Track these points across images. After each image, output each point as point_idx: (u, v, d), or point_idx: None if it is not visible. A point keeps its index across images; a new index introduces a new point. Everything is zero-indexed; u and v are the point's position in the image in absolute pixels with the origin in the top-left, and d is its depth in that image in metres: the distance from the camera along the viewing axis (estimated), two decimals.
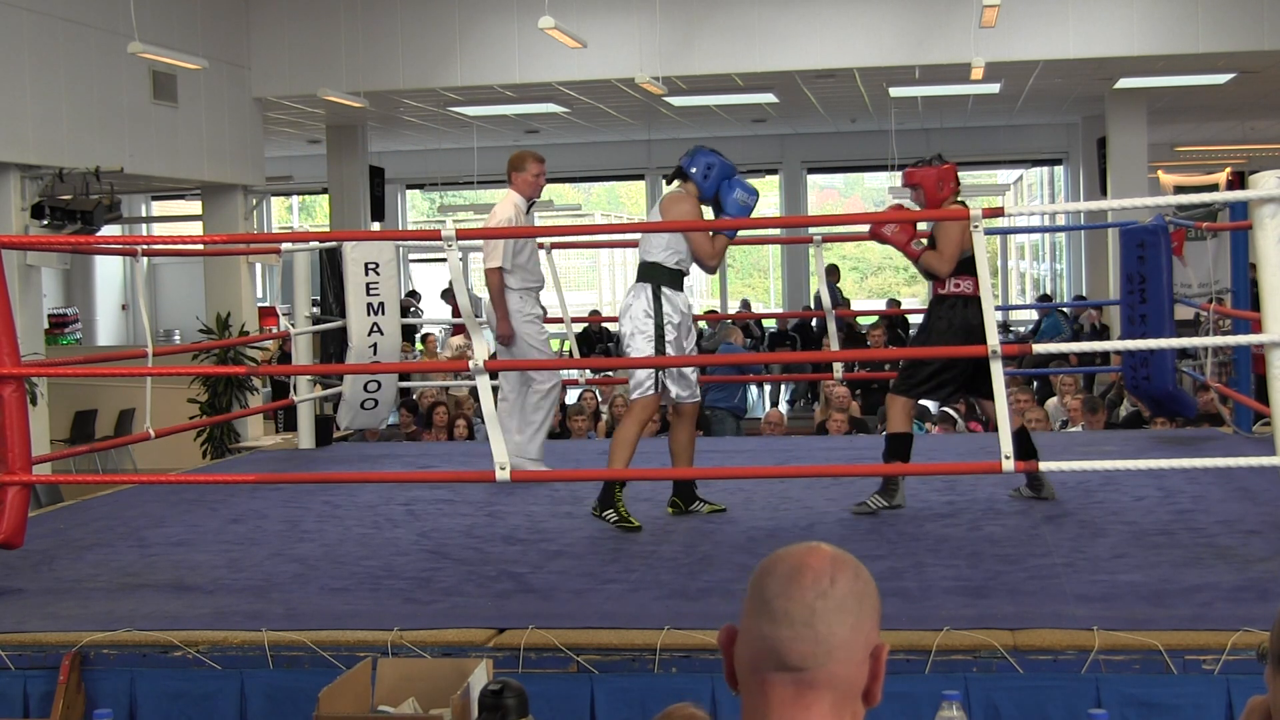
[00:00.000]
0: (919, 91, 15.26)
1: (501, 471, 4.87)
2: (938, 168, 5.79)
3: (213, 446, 12.03)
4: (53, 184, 10.27)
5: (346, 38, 13.04)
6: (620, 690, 3.87)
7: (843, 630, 1.57)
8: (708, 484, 6.02)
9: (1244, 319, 6.82)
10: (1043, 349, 5.25)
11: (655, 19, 12.39)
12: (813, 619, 1.56)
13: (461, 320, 6.64)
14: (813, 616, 1.56)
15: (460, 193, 20.98)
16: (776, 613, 1.57)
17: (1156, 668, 3.69)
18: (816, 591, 1.58)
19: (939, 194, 5.75)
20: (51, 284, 18.03)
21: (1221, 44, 12.24)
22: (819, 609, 1.57)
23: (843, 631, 1.57)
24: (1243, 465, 4.93)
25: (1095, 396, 9.86)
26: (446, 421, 10.56)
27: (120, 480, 7.44)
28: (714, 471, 6.37)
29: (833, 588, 1.58)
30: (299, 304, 8.19)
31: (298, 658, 4.01)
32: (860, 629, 1.59)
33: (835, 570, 1.60)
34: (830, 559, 1.61)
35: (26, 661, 4.13)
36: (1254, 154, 20.14)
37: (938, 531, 5.30)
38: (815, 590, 1.58)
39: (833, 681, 1.57)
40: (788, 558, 1.62)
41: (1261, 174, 4.66)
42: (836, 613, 1.57)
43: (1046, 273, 22.62)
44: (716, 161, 5.76)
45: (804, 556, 1.61)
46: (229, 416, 11.65)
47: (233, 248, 11.83)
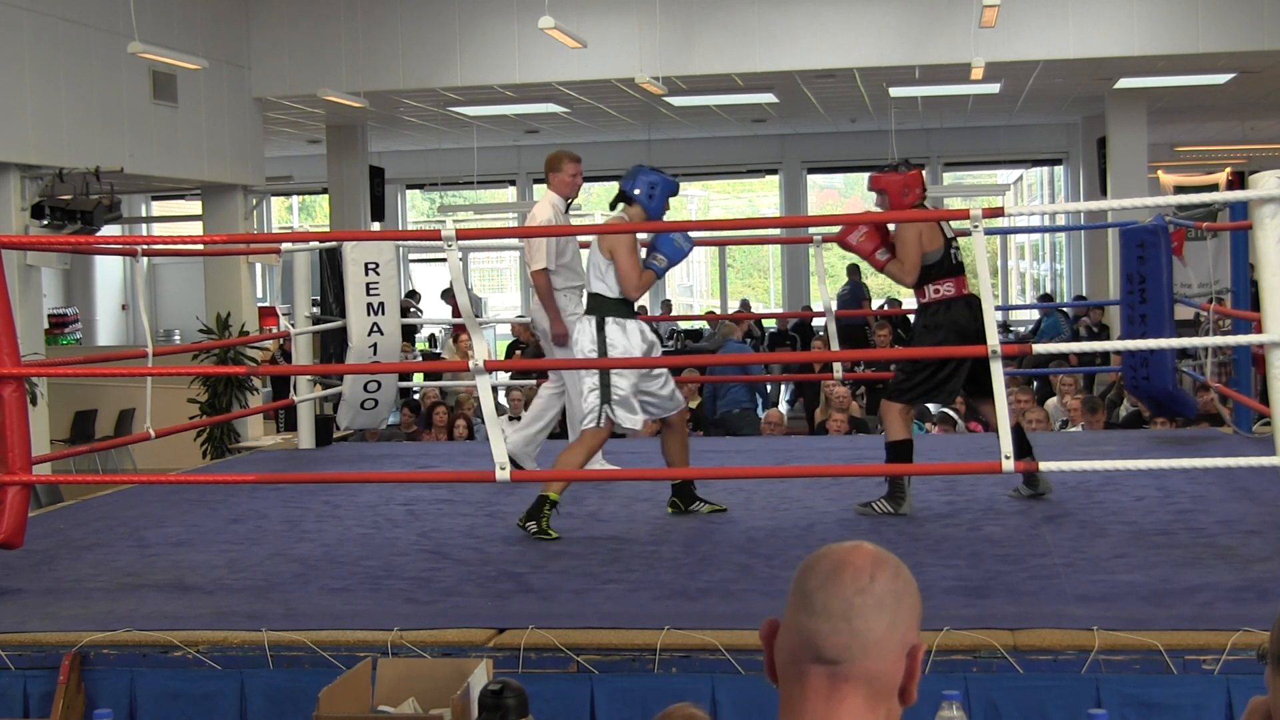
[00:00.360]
0: (919, 91, 15.26)
1: (501, 471, 4.87)
2: (903, 174, 5.75)
3: (213, 446, 12.02)
4: (53, 184, 10.27)
5: (346, 38, 13.04)
6: (620, 690, 3.87)
7: (879, 627, 1.61)
8: (708, 484, 6.02)
9: (1244, 319, 6.82)
10: (1043, 349, 5.25)
11: (655, 19, 12.39)
12: (850, 613, 1.60)
13: (461, 320, 6.64)
14: (850, 611, 1.60)
15: (460, 193, 20.97)
16: (816, 606, 1.61)
17: (1156, 668, 3.69)
18: (856, 588, 1.61)
19: (903, 200, 5.70)
20: (51, 284, 18.03)
21: (1221, 44, 12.24)
22: (857, 604, 1.60)
23: (879, 628, 1.61)
24: (1243, 465, 4.93)
25: (1095, 396, 9.85)
26: (446, 421, 10.57)
27: (120, 480, 7.44)
28: (714, 471, 6.37)
29: (872, 585, 1.62)
30: (299, 304, 8.19)
31: (298, 658, 4.01)
32: (897, 627, 1.62)
33: (875, 568, 1.64)
34: (872, 557, 1.65)
35: (26, 661, 4.13)
36: (1254, 154, 20.13)
37: (938, 531, 5.30)
38: (855, 586, 1.62)
39: (867, 676, 1.60)
40: (831, 554, 1.66)
41: (1261, 174, 4.66)
42: (875, 609, 1.61)
43: (1046, 273, 22.62)
44: (659, 180, 5.58)
45: (847, 554, 1.65)
46: (229, 416, 11.65)
47: (233, 248, 11.84)
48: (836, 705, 1.60)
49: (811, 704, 1.60)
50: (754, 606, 4.21)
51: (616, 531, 5.50)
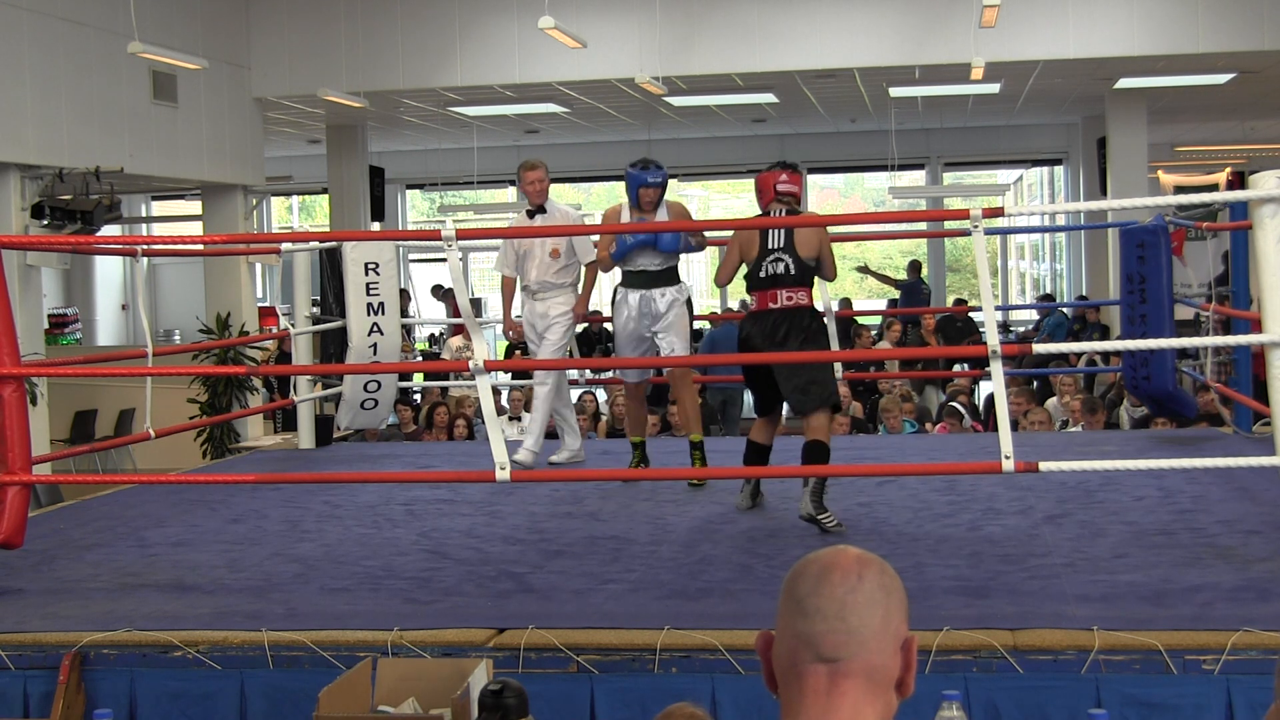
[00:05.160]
0: (919, 91, 15.25)
1: (501, 471, 4.87)
2: (759, 175, 5.79)
3: (213, 446, 12.02)
4: (53, 184, 10.27)
5: (346, 38, 13.04)
6: (620, 690, 3.87)
7: (874, 621, 1.65)
8: (707, 484, 6.02)
9: (1244, 319, 6.82)
10: (1043, 349, 5.25)
11: (655, 19, 12.39)
12: (845, 612, 1.64)
13: (461, 320, 6.66)
14: (844, 609, 1.64)
15: (460, 193, 20.96)
16: (809, 610, 1.65)
17: (1156, 668, 3.69)
18: (846, 587, 1.65)
19: (760, 201, 5.79)
20: (51, 284, 18.02)
21: (1221, 44, 12.24)
22: (850, 603, 1.64)
23: (874, 623, 1.65)
24: (1243, 465, 4.92)
25: (1095, 397, 9.85)
26: (447, 421, 10.56)
27: (120, 480, 7.44)
28: (715, 471, 6.37)
29: (861, 583, 1.66)
30: (299, 304, 8.19)
31: (298, 658, 4.01)
32: (890, 620, 1.66)
33: (862, 568, 1.68)
34: (857, 558, 1.69)
35: (26, 661, 4.13)
36: (1254, 154, 20.12)
37: (938, 531, 5.29)
38: (845, 586, 1.65)
39: (866, 671, 1.64)
40: (817, 560, 1.70)
41: (1261, 174, 4.66)
42: (867, 605, 1.65)
43: (1046, 273, 22.62)
44: (629, 175, 6.56)
45: (832, 557, 1.69)
46: (229, 416, 11.65)
47: (233, 248, 11.84)
48: (838, 700, 1.63)
49: (811, 701, 1.63)
50: (754, 606, 4.21)
51: (616, 531, 5.50)
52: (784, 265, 5.54)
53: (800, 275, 5.56)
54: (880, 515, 5.64)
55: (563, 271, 7.12)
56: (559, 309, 7.11)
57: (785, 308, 5.52)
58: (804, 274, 5.57)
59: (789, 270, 5.54)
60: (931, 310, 15.06)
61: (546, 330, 7.12)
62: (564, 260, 7.11)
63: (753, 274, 5.61)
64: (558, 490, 6.38)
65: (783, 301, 5.53)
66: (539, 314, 7.13)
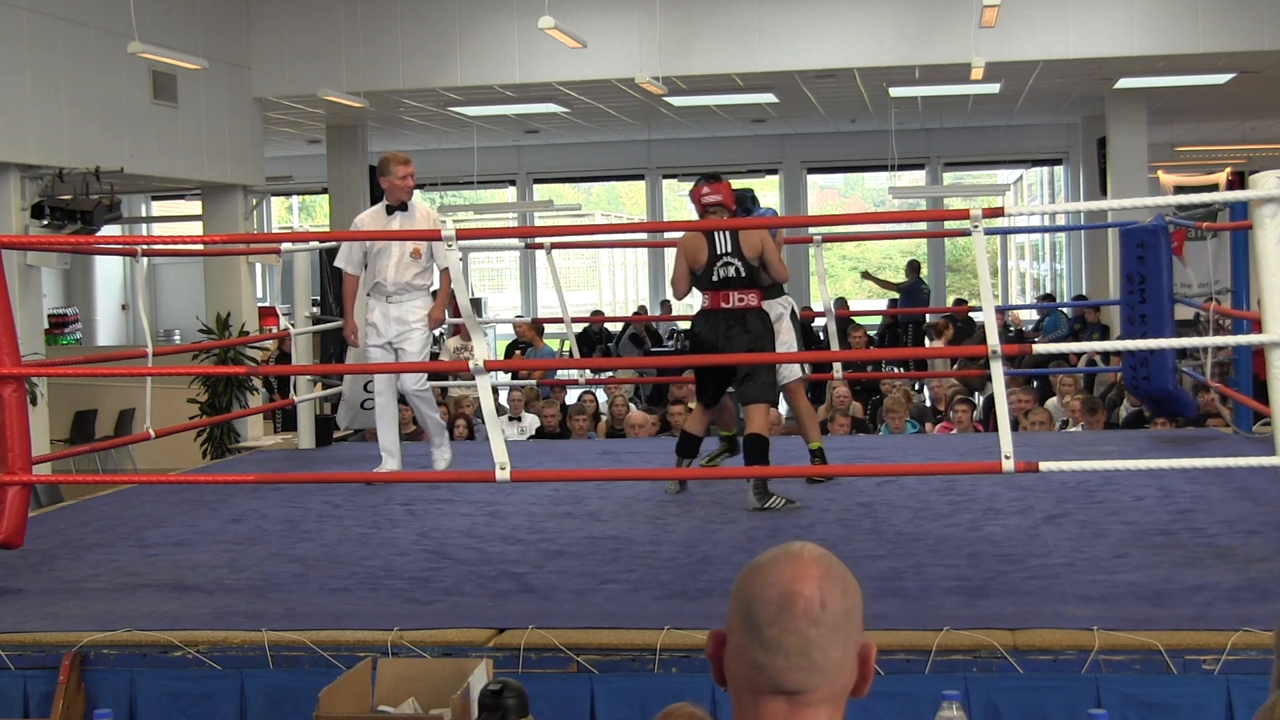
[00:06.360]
0: (919, 91, 15.25)
1: (501, 471, 4.87)
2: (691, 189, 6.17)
3: (213, 446, 12.03)
4: (53, 184, 10.27)
5: (346, 38, 13.04)
6: (620, 690, 3.87)
7: (836, 654, 1.60)
8: (707, 484, 6.02)
9: (1244, 319, 6.82)
10: (1043, 349, 5.25)
11: (655, 19, 12.39)
12: (808, 649, 1.59)
13: (460, 320, 6.66)
14: (807, 646, 1.59)
15: (460, 193, 20.97)
16: (769, 642, 1.59)
17: (1156, 668, 3.69)
18: (809, 619, 1.59)
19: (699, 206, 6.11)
20: (51, 284, 18.03)
21: (1221, 44, 12.24)
22: (813, 637, 1.59)
23: (836, 654, 1.60)
24: (1243, 465, 4.92)
25: (1095, 397, 9.85)
26: (446, 421, 10.55)
27: (120, 480, 7.44)
28: (715, 471, 6.37)
29: (824, 613, 1.59)
30: (299, 304, 8.19)
31: (298, 658, 4.01)
32: (851, 643, 1.62)
33: (824, 592, 1.60)
34: (818, 581, 1.61)
35: (26, 661, 4.13)
36: (1254, 154, 20.13)
37: (938, 531, 5.29)
38: (808, 619, 1.59)
39: (829, 697, 1.61)
40: (776, 582, 1.61)
41: (1261, 174, 4.65)
42: (829, 637, 1.60)
43: (1046, 273, 22.62)
44: None
45: (791, 583, 1.60)
46: (229, 416, 11.65)
47: (233, 248, 11.84)
48: None
49: None
50: None
51: (616, 531, 5.50)
52: (734, 269, 5.92)
53: (750, 277, 5.92)
54: (880, 515, 5.63)
55: (422, 274, 6.85)
56: (416, 314, 6.81)
57: (736, 308, 5.91)
58: (753, 276, 5.94)
59: (739, 273, 5.91)
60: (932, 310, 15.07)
61: (403, 339, 6.80)
62: (425, 262, 6.81)
63: (705, 278, 5.96)
64: (558, 490, 6.38)
65: (734, 302, 5.92)
66: (393, 318, 6.80)
